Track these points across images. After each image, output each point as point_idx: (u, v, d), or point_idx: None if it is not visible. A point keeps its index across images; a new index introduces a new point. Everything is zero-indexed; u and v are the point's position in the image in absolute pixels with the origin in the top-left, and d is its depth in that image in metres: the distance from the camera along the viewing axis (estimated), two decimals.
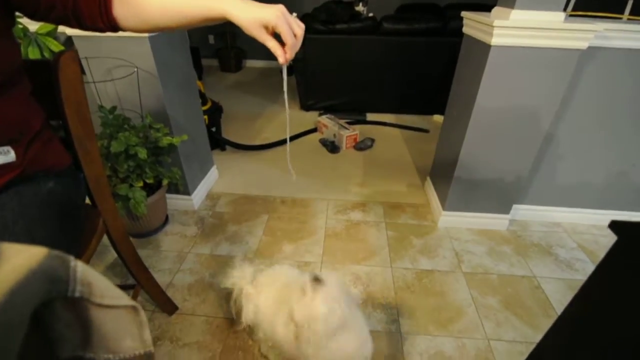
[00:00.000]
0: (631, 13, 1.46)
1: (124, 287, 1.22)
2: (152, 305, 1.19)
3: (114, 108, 1.27)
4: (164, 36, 1.33)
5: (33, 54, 1.22)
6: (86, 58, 1.26)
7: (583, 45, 1.14)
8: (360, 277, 1.34)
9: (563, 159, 1.53)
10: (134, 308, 0.36)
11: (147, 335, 0.40)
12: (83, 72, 1.20)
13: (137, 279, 1.00)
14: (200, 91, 1.90)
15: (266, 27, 0.54)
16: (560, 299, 1.28)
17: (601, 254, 1.50)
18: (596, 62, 1.27)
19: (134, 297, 1.04)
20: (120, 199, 1.23)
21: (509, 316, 1.21)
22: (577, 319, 0.60)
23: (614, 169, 1.54)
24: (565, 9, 1.13)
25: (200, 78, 2.83)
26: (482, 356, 1.08)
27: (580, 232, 1.63)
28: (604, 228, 1.66)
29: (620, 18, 1.36)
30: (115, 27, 0.60)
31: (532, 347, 1.11)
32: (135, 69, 1.28)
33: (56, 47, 1.25)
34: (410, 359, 1.06)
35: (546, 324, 1.18)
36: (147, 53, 1.26)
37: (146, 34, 1.22)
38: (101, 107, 1.24)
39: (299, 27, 0.56)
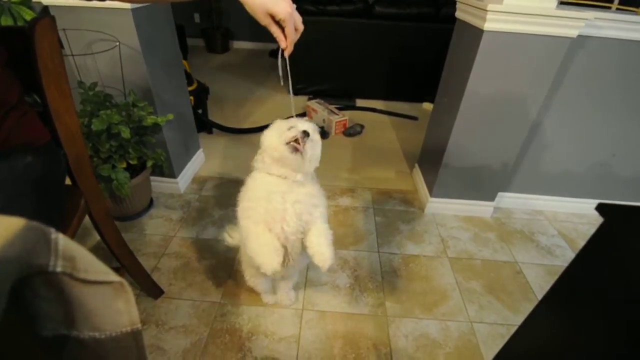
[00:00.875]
0: (620, 2, 1.48)
1: None
2: (137, 290, 1.16)
3: (95, 84, 1.21)
4: (147, 9, 1.27)
5: (6, 23, 1.14)
6: (64, 30, 1.18)
7: (573, 33, 1.14)
8: (348, 262, 1.35)
9: (547, 148, 1.56)
10: (120, 284, 0.34)
11: (135, 312, 0.39)
12: (61, 45, 1.13)
13: (122, 262, 0.98)
14: (185, 71, 1.83)
15: (271, 16, 0.58)
16: (540, 284, 1.32)
17: (580, 241, 1.55)
18: (584, 52, 1.29)
19: None
20: (102, 180, 1.18)
21: (492, 300, 1.24)
22: (561, 300, 0.61)
23: (595, 159, 1.58)
24: None
25: (185, 58, 2.73)
26: (465, 338, 1.11)
27: (560, 220, 1.68)
28: (583, 216, 1.71)
29: (610, 7, 1.38)
30: None
31: (512, 329, 1.15)
32: (117, 43, 1.21)
33: (31, 17, 1.17)
34: (396, 341, 1.08)
35: (526, 308, 1.23)
36: (129, 27, 1.20)
37: (129, 6, 1.16)
38: (81, 82, 1.18)
39: (301, 23, 0.62)
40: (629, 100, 1.40)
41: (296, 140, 0.76)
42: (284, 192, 0.79)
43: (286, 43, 0.62)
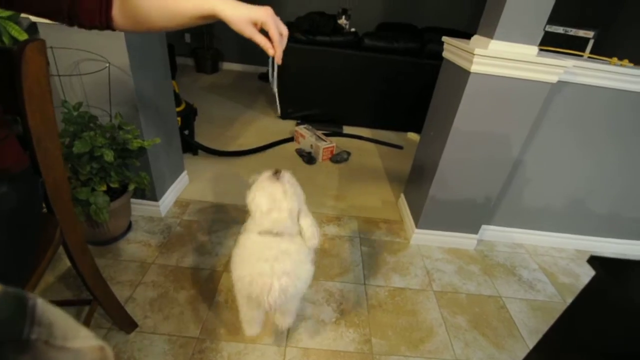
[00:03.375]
0: (591, 52, 1.59)
1: (77, 302, 1.11)
2: (109, 322, 1.09)
3: (80, 104, 1.17)
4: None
5: None
6: (52, 48, 1.15)
7: (553, 79, 1.21)
8: (334, 294, 1.31)
9: (527, 184, 1.61)
10: (100, 348, 0.31)
11: None
12: (47, 63, 1.10)
13: (94, 294, 0.91)
14: (174, 91, 1.81)
15: (254, 24, 0.58)
16: (523, 320, 1.33)
17: (560, 276, 1.58)
18: (562, 96, 1.36)
19: (90, 314, 0.94)
20: (79, 204, 1.13)
21: (477, 336, 1.23)
22: (553, 348, 0.61)
23: (572, 195, 1.64)
24: None
25: (174, 77, 2.69)
26: None
27: (540, 253, 1.72)
28: (561, 250, 1.76)
29: (582, 55, 1.47)
30: (110, 26, 0.58)
31: None
32: (107, 65, 1.19)
33: (18, 33, 1.14)
34: None
35: (511, 344, 1.22)
36: (121, 48, 1.18)
37: None
38: (65, 102, 1.14)
39: (284, 28, 0.61)
40: (604, 141, 1.48)
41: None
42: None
43: (273, 49, 0.60)
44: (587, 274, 1.62)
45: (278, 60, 0.63)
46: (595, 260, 0.52)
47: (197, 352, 1.05)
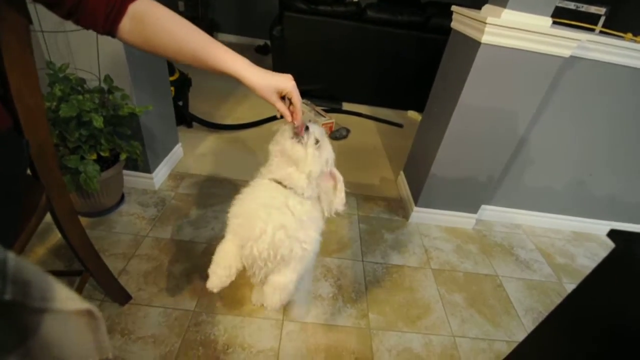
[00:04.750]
0: (603, 26, 1.53)
1: (69, 273, 1.08)
2: (101, 294, 1.06)
3: (66, 66, 1.10)
4: None
5: None
6: (34, 2, 1.06)
7: (566, 53, 1.16)
8: (331, 270, 1.30)
9: (531, 164, 1.58)
10: (88, 312, 0.28)
11: (105, 342, 0.32)
12: (30, 20, 1.02)
13: (85, 265, 0.88)
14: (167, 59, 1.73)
15: (279, 93, 0.63)
16: (519, 298, 1.33)
17: (557, 257, 1.59)
18: (573, 72, 1.31)
19: (81, 285, 0.92)
20: (68, 172, 1.07)
21: (474, 313, 1.24)
22: (567, 322, 0.59)
23: (573, 176, 1.62)
24: None
25: None
26: (447, 353, 1.09)
27: (538, 234, 1.72)
28: (558, 232, 1.76)
29: (594, 30, 1.42)
30: (112, 34, 0.55)
31: (493, 344, 1.15)
32: None
33: None
34: (380, 355, 1.04)
35: (506, 322, 1.23)
36: None
37: None
38: (50, 63, 1.07)
39: (300, 98, 0.67)
40: (610, 123, 1.44)
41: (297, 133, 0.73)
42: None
43: (292, 117, 0.66)
44: (584, 255, 1.63)
45: (297, 123, 0.69)
46: (615, 234, 0.49)
47: (192, 325, 1.04)
